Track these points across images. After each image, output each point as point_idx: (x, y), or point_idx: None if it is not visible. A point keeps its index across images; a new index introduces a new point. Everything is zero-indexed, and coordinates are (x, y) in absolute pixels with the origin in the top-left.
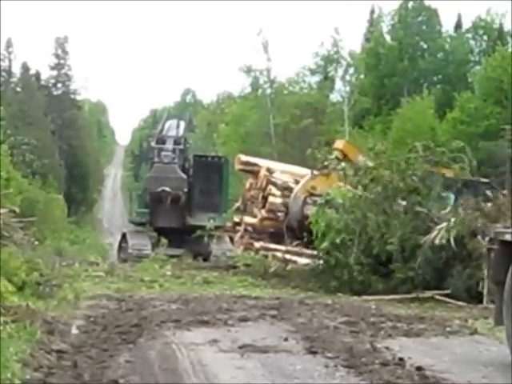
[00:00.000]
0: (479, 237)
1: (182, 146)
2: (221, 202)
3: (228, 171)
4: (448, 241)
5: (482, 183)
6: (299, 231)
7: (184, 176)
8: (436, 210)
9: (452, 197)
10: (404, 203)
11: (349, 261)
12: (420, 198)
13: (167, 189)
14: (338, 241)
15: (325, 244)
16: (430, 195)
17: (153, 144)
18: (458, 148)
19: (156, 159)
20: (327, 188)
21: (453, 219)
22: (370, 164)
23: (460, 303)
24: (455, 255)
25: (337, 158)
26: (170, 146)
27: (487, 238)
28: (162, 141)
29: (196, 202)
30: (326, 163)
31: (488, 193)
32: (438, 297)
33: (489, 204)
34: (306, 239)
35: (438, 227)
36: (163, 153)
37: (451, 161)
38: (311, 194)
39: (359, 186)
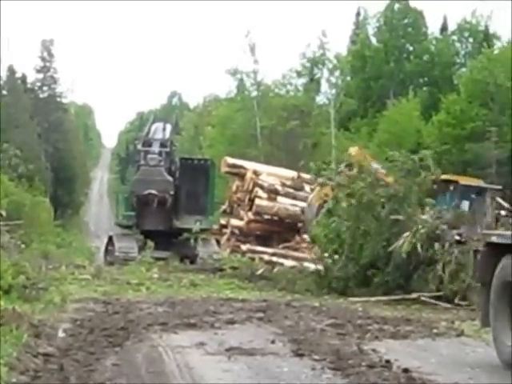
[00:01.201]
0: (440, 242)
1: (168, 149)
2: (207, 204)
3: (214, 174)
4: (415, 247)
5: (494, 190)
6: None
7: (170, 179)
8: (414, 215)
9: (467, 204)
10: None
11: (339, 266)
12: (397, 206)
13: (154, 191)
14: (331, 248)
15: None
16: (406, 202)
17: (139, 147)
18: (425, 155)
19: (142, 162)
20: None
21: (419, 226)
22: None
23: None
24: (423, 259)
25: (349, 165)
26: (156, 148)
27: (447, 243)
28: (148, 143)
29: (182, 204)
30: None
31: (498, 199)
32: (423, 298)
33: (502, 212)
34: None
35: (405, 235)
36: (149, 155)
37: (420, 168)
38: (325, 202)
39: (348, 196)
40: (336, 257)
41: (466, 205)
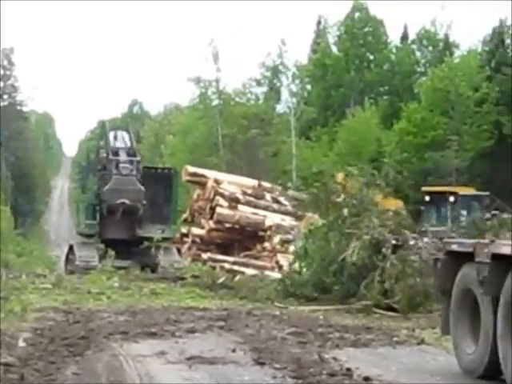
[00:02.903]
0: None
1: (138, 158)
2: (170, 213)
3: (178, 183)
4: (363, 255)
5: (484, 196)
6: None
7: (142, 188)
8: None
9: (464, 213)
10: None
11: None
12: (359, 220)
13: (126, 201)
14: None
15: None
16: (368, 216)
17: (110, 156)
18: (384, 168)
19: (114, 171)
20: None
21: (365, 237)
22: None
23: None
24: (370, 267)
25: (338, 190)
26: (124, 157)
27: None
28: (114, 152)
29: (146, 213)
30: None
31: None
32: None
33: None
34: None
35: (352, 245)
36: (121, 165)
37: (378, 180)
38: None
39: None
40: (299, 268)
41: (464, 214)
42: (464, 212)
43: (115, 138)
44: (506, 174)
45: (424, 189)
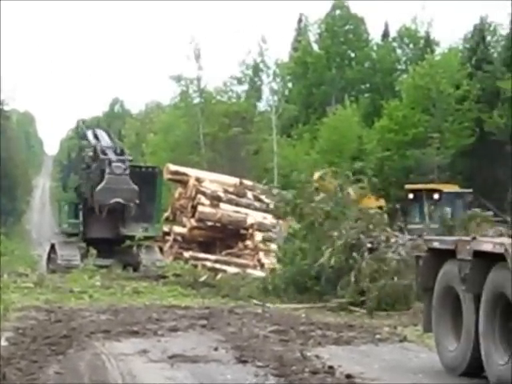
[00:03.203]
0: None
1: (130, 157)
2: (154, 212)
3: (161, 181)
4: (340, 258)
5: (467, 193)
6: None
7: (136, 187)
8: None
9: (449, 210)
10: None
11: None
12: (334, 222)
13: (120, 200)
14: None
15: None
16: (342, 218)
17: (102, 156)
18: (359, 168)
19: (108, 170)
20: None
21: (339, 241)
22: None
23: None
24: (348, 269)
25: (316, 189)
26: (114, 156)
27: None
28: (103, 152)
29: (130, 212)
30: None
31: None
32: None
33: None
34: None
35: (329, 250)
36: (114, 164)
37: (355, 181)
38: None
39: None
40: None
41: (448, 212)
42: (448, 209)
43: (96, 137)
44: (487, 171)
45: (407, 186)
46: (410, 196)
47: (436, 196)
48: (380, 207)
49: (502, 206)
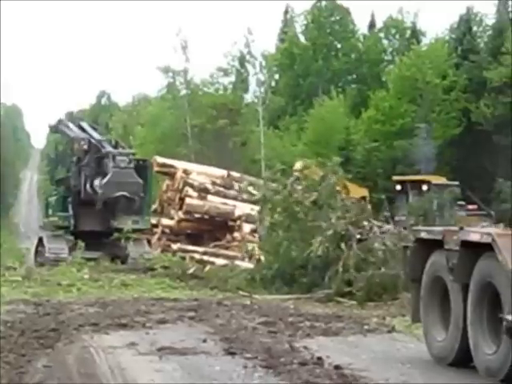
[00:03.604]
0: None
1: (133, 150)
2: (144, 204)
3: (152, 174)
4: (328, 249)
5: (454, 185)
6: None
7: (141, 181)
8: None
9: (435, 202)
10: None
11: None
12: (318, 211)
13: (126, 194)
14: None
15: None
16: (327, 208)
17: (105, 149)
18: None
19: (112, 164)
20: None
21: (329, 231)
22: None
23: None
24: (335, 259)
25: (298, 178)
26: (113, 149)
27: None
28: (101, 145)
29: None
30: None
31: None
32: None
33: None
34: None
35: (317, 240)
36: (119, 157)
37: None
38: None
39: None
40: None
41: (434, 203)
42: (435, 201)
43: (82, 129)
44: (474, 162)
45: (395, 178)
46: (398, 187)
47: (424, 187)
48: (363, 197)
49: (488, 196)
